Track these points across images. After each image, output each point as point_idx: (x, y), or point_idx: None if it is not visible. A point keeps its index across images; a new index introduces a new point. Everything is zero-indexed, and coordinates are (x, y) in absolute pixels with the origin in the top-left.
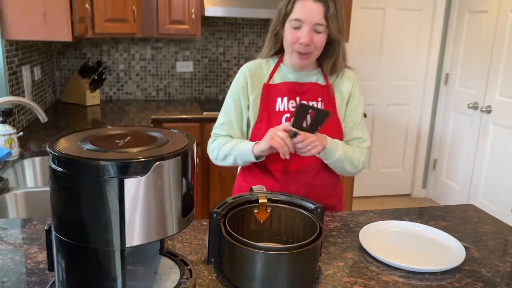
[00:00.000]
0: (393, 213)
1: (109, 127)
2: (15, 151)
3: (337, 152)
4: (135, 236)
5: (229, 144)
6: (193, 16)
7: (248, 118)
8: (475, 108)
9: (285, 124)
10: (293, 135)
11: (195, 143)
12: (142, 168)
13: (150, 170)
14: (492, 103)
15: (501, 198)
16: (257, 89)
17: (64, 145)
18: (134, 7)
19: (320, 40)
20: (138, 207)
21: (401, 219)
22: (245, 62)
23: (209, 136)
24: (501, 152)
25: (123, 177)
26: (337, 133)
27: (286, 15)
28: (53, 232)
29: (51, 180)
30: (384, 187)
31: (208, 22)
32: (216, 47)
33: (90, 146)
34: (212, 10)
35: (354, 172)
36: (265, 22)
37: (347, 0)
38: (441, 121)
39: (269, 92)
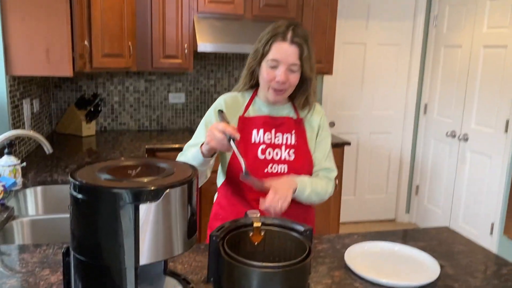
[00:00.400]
0: (376, 235)
1: (122, 158)
2: (19, 180)
3: (306, 192)
4: (146, 255)
5: (184, 155)
6: (186, 51)
7: None
8: (453, 136)
9: (222, 126)
10: (229, 139)
11: (198, 173)
12: (154, 195)
13: (161, 197)
14: (468, 131)
15: (480, 222)
16: (233, 121)
17: (83, 175)
18: (129, 43)
19: (294, 78)
20: (149, 230)
21: (383, 240)
22: None
23: None
24: (478, 178)
25: (137, 203)
26: (308, 164)
27: (263, 55)
28: (71, 254)
29: (72, 206)
30: (370, 213)
31: (200, 56)
32: (207, 79)
33: (107, 176)
34: (204, 46)
35: (319, 202)
36: None
37: (330, 36)
38: (422, 148)
39: (244, 125)
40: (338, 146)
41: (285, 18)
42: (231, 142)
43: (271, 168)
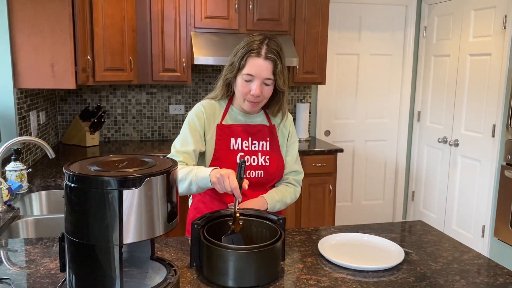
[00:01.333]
0: (352, 228)
1: (110, 155)
2: (25, 184)
3: (276, 207)
4: (130, 235)
5: (185, 169)
6: (183, 65)
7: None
8: (445, 142)
9: (234, 185)
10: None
11: (177, 165)
12: (136, 182)
13: (142, 184)
14: (458, 137)
15: (472, 225)
16: (212, 128)
17: (76, 167)
18: (130, 58)
19: (268, 91)
20: (133, 213)
21: (356, 232)
22: None
23: None
24: (469, 182)
25: (122, 189)
26: (281, 168)
27: (239, 69)
28: (66, 238)
29: (66, 194)
30: (367, 219)
31: (198, 69)
32: (205, 92)
33: (97, 168)
34: (200, 59)
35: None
36: None
37: (322, 47)
38: (416, 155)
39: (223, 132)
40: (331, 153)
41: (278, 31)
42: (235, 200)
43: (249, 174)
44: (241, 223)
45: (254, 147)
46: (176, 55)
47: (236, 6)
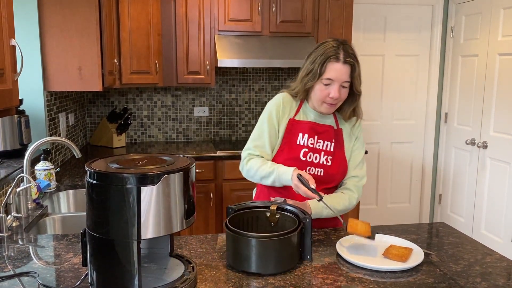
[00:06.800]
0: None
1: (131, 154)
2: (53, 183)
3: (323, 213)
4: (148, 231)
5: (267, 167)
6: (207, 67)
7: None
8: (473, 144)
9: (303, 190)
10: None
11: (194, 163)
12: (154, 179)
13: (160, 181)
14: (487, 139)
15: (502, 229)
16: (284, 121)
17: (97, 165)
18: (156, 61)
19: (345, 93)
20: (151, 209)
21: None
22: (256, 106)
23: (223, 172)
24: (498, 185)
25: (140, 186)
26: (343, 171)
27: (320, 75)
28: (87, 233)
29: (87, 191)
30: (392, 223)
31: (222, 72)
32: (229, 94)
33: (117, 165)
34: (224, 62)
35: (345, 212)
36: (272, 70)
37: None
38: (444, 157)
39: (293, 127)
40: None
41: (301, 33)
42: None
43: (309, 170)
44: (277, 216)
45: (319, 145)
46: (200, 57)
47: (259, 8)
